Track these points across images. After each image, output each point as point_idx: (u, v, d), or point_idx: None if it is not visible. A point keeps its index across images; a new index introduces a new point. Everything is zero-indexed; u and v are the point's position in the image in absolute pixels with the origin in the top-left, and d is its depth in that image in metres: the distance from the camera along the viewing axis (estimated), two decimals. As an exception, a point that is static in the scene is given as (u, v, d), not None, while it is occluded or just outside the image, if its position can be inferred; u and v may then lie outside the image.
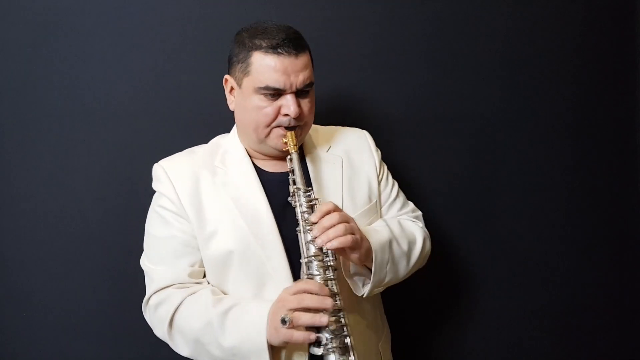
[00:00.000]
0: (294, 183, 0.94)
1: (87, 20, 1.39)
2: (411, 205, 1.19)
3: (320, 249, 0.88)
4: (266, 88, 0.93)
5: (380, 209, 1.13)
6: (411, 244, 1.05)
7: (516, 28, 1.50)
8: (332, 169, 1.08)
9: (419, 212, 1.18)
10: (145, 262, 1.04)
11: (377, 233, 0.99)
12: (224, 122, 1.31)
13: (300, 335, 0.81)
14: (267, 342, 0.84)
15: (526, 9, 1.50)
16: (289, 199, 0.94)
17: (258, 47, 0.94)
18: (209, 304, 0.92)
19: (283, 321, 0.80)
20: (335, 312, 0.84)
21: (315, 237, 0.86)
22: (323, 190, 1.03)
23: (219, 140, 1.12)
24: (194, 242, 0.98)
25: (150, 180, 1.15)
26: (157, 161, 1.16)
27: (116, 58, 1.40)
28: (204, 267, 1.01)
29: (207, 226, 0.98)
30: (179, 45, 1.41)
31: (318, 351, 0.84)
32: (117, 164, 1.41)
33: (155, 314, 0.98)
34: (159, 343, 1.30)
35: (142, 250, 1.21)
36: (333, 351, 0.82)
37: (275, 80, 0.93)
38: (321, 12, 1.42)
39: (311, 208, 0.91)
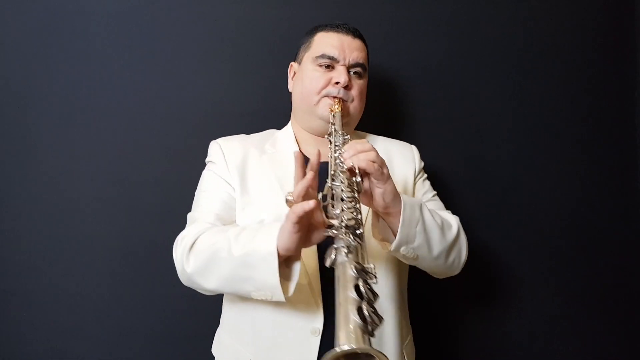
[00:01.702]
0: (334, 127, 1.01)
1: (90, 21, 1.43)
2: (449, 211, 1.16)
3: (350, 170, 0.87)
4: (322, 56, 1.10)
5: None
6: (445, 223, 1.01)
7: (517, 28, 1.54)
8: None
9: (456, 217, 1.13)
10: (190, 213, 1.08)
11: (409, 196, 1.01)
12: (225, 122, 1.43)
13: (299, 206, 0.78)
14: (277, 249, 0.84)
15: (527, 9, 1.54)
16: (326, 136, 1.01)
17: (322, 29, 1.15)
18: (230, 227, 0.97)
19: (287, 200, 0.81)
20: (354, 211, 0.80)
21: (346, 159, 0.87)
22: None
23: (273, 131, 1.22)
24: (234, 204, 1.06)
25: (150, 179, 1.41)
26: (156, 162, 1.42)
27: (117, 59, 1.43)
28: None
29: (248, 195, 1.06)
30: (180, 47, 1.45)
31: (325, 233, 0.80)
32: (118, 164, 1.43)
33: (181, 244, 0.98)
34: (158, 343, 1.43)
35: (142, 251, 1.41)
36: (346, 233, 0.75)
37: (331, 50, 1.10)
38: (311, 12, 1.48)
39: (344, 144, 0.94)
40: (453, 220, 1.06)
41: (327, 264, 0.75)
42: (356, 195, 0.85)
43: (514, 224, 1.55)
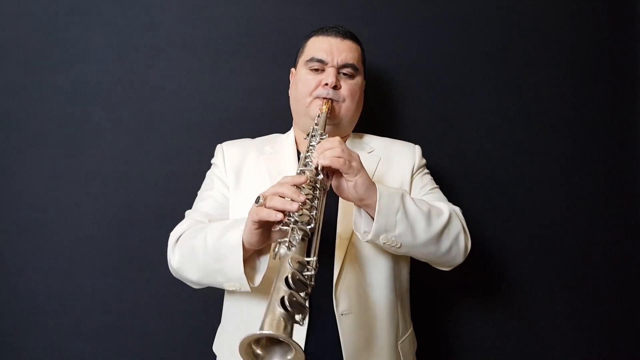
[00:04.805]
0: (314, 127, 1.04)
1: (90, 21, 1.44)
2: (450, 204, 1.14)
3: (316, 168, 0.89)
4: (311, 59, 1.15)
5: None
6: (434, 210, 1.00)
7: (517, 28, 1.53)
8: (365, 164, 1.08)
9: (457, 207, 1.11)
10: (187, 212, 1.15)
11: (389, 185, 1.01)
12: (226, 124, 1.45)
13: (266, 212, 0.81)
14: (242, 240, 0.88)
15: (527, 9, 1.53)
16: (304, 137, 1.05)
17: (314, 34, 1.20)
18: (213, 222, 1.03)
19: (257, 200, 0.83)
20: (310, 210, 0.82)
21: (313, 159, 0.90)
22: None
23: (277, 135, 1.27)
24: (227, 203, 1.13)
25: (150, 181, 1.43)
26: (157, 164, 1.44)
27: (117, 59, 1.44)
28: None
29: (240, 191, 1.12)
30: (180, 47, 1.46)
31: (275, 228, 0.83)
32: (118, 165, 1.44)
33: (170, 240, 1.05)
34: (160, 342, 1.43)
35: (142, 250, 1.42)
36: (294, 230, 0.78)
37: (319, 53, 1.14)
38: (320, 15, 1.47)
39: None
40: (445, 208, 1.04)
41: (273, 257, 0.78)
42: (317, 193, 0.87)
43: (514, 223, 1.54)
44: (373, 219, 0.94)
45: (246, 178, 1.14)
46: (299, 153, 1.16)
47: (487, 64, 1.54)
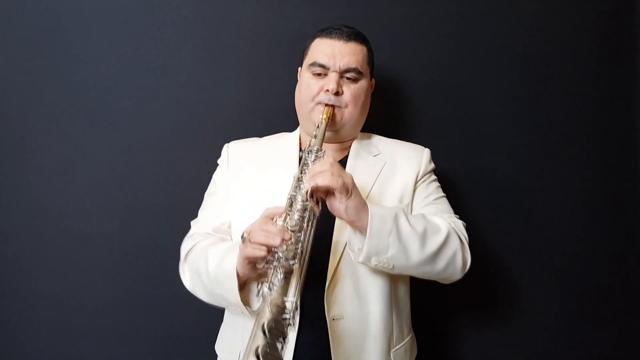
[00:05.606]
0: (311, 142, 1.02)
1: (90, 21, 1.41)
2: (456, 216, 1.13)
3: (307, 192, 0.89)
4: (314, 64, 1.10)
5: (412, 210, 1.12)
6: (430, 229, 0.98)
7: (518, 29, 1.51)
8: (370, 168, 1.12)
9: (460, 221, 1.09)
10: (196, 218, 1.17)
11: (382, 205, 1.01)
12: (228, 125, 1.43)
13: (250, 249, 0.83)
14: (237, 271, 0.91)
15: (530, 11, 1.51)
16: (301, 153, 1.03)
17: (319, 35, 1.14)
18: (215, 242, 1.05)
19: (242, 237, 0.86)
20: (296, 243, 0.83)
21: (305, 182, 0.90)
22: None
23: (283, 134, 1.25)
24: (230, 205, 1.12)
25: (149, 180, 1.42)
26: (156, 162, 1.43)
27: (117, 58, 1.42)
28: (230, 230, 1.11)
29: (241, 191, 1.12)
30: (180, 47, 1.44)
31: (259, 266, 0.85)
32: (118, 164, 1.43)
33: (181, 253, 1.09)
34: (158, 343, 1.44)
35: (142, 250, 1.42)
36: (276, 268, 0.80)
37: (322, 57, 1.09)
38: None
39: None
40: (443, 225, 1.02)
41: (257, 294, 0.80)
42: (304, 223, 0.86)
43: (516, 226, 1.52)
44: None
45: (248, 176, 1.14)
46: (301, 152, 1.14)
47: (497, 66, 1.51)
